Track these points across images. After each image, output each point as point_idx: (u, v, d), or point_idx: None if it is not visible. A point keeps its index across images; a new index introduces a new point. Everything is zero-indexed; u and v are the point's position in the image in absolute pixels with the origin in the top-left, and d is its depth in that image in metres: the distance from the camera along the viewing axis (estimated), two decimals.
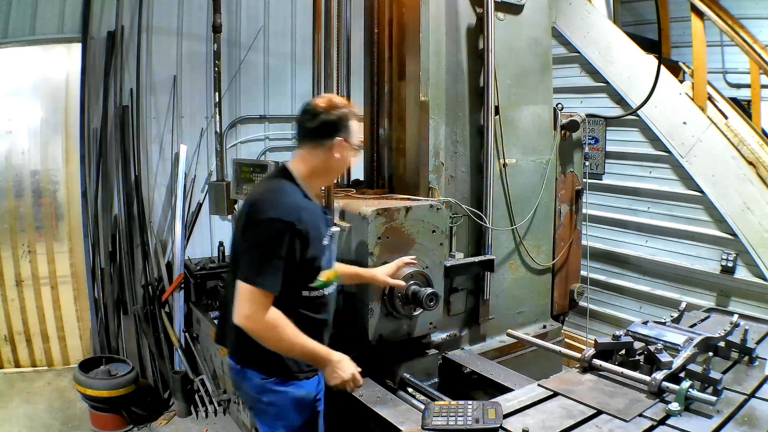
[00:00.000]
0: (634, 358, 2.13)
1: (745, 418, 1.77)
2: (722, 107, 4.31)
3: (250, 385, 2.00)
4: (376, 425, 2.33)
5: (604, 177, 4.91)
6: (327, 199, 2.59)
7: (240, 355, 2.02)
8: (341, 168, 2.18)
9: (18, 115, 4.48)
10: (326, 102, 2.05)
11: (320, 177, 2.12)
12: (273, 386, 1.97)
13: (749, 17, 4.85)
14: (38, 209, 4.60)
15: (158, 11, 4.76)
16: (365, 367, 2.60)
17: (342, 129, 2.03)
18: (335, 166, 2.09)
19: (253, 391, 2.00)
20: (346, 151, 2.06)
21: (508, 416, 1.82)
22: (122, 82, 4.60)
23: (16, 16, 4.28)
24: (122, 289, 4.54)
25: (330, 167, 2.08)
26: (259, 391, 1.99)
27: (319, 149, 2.03)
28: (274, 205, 1.91)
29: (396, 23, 3.14)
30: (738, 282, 4.03)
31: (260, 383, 1.97)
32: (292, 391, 1.99)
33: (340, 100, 2.11)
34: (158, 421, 3.98)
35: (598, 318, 4.84)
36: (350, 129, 2.06)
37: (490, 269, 3.11)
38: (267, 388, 1.97)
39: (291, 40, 5.45)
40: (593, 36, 4.81)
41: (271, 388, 1.97)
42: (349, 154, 2.09)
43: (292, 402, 1.99)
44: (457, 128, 3.11)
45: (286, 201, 1.93)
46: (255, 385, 1.98)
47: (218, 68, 4.35)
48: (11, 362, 4.58)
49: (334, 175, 2.27)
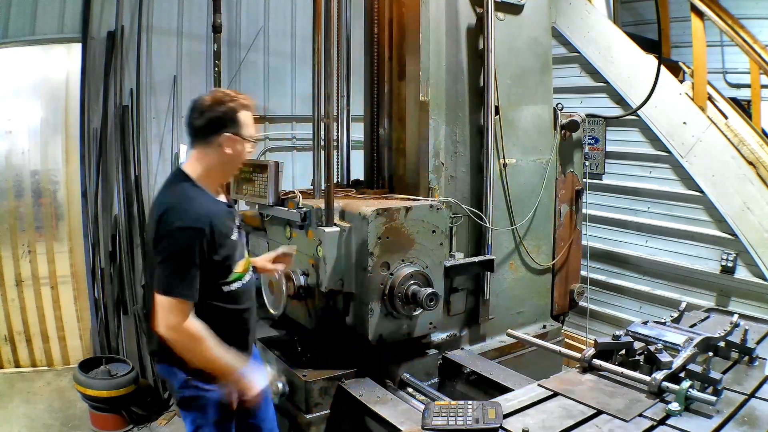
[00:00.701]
0: (634, 358, 2.13)
1: (745, 418, 1.77)
2: (722, 107, 4.31)
3: (175, 380, 2.09)
4: (376, 425, 2.33)
5: (604, 177, 4.91)
6: (326, 199, 2.59)
7: (167, 355, 2.05)
8: (236, 163, 2.12)
9: (18, 115, 4.48)
10: (211, 98, 2.04)
11: (217, 175, 2.10)
12: (194, 383, 2.05)
13: (749, 17, 4.86)
14: (38, 209, 4.60)
15: (158, 11, 4.75)
16: (365, 367, 2.63)
17: (229, 123, 2.02)
18: (229, 161, 2.07)
19: (178, 385, 2.09)
20: (238, 145, 2.04)
21: (508, 416, 1.82)
22: (122, 82, 4.60)
23: (16, 16, 4.28)
24: (122, 289, 4.54)
25: (224, 164, 2.07)
26: (182, 386, 2.08)
27: (210, 147, 2.03)
28: (181, 213, 1.92)
29: (396, 23, 3.14)
30: (738, 282, 4.03)
31: (184, 379, 2.06)
32: (211, 392, 2.06)
33: (225, 93, 2.07)
34: (158, 421, 3.98)
35: (598, 318, 4.84)
36: (239, 122, 2.03)
37: (490, 269, 3.11)
38: (189, 385, 2.06)
39: (291, 40, 5.45)
40: (593, 36, 4.81)
41: (193, 385, 2.05)
42: (241, 148, 2.06)
43: (210, 402, 2.07)
44: (457, 128, 3.11)
45: (192, 208, 1.94)
46: (179, 381, 2.07)
47: (218, 68, 4.35)
48: (11, 362, 4.58)
49: (230, 170, 2.19)
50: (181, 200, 1.97)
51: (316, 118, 3.12)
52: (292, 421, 2.59)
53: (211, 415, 2.08)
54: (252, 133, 2.10)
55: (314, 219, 2.66)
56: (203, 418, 2.09)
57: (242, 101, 2.07)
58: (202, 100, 2.04)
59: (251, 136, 2.09)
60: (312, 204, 2.73)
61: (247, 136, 2.07)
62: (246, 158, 2.13)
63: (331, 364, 2.61)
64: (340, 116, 3.37)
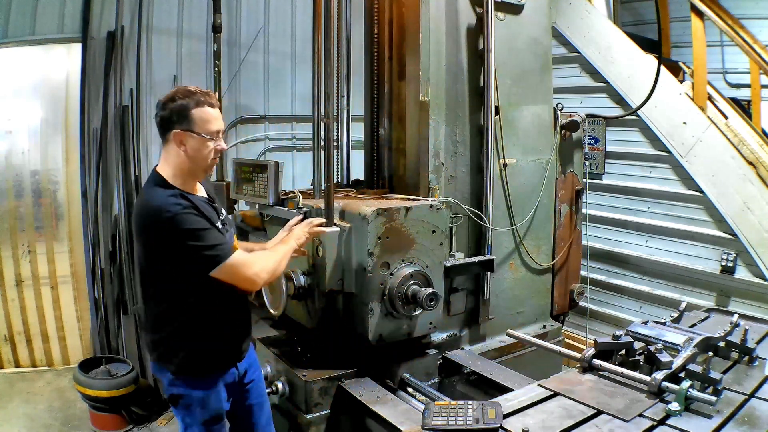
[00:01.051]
0: (634, 358, 2.13)
1: (745, 418, 1.77)
2: (722, 107, 4.31)
3: (165, 379, 2.14)
4: (376, 425, 2.33)
5: (604, 177, 4.91)
6: (326, 199, 2.59)
7: (156, 356, 2.17)
8: (198, 160, 2.03)
9: (18, 115, 4.48)
10: (167, 95, 2.03)
11: (184, 174, 2.05)
12: (180, 383, 2.10)
13: (749, 17, 4.86)
14: (38, 209, 4.60)
15: (158, 11, 4.76)
16: (365, 367, 2.63)
17: (179, 120, 1.98)
18: (190, 159, 2.02)
19: (167, 383, 2.14)
20: (192, 142, 1.99)
21: (508, 416, 1.82)
22: (122, 82, 4.60)
23: (16, 16, 4.28)
24: (122, 289, 4.54)
25: (185, 161, 2.02)
26: (170, 384, 2.12)
27: (169, 144, 2.04)
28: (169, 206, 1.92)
29: (396, 23, 3.14)
30: (738, 282, 4.03)
31: (171, 378, 2.11)
32: (196, 392, 2.10)
33: (180, 89, 2.04)
34: (158, 421, 3.98)
35: (598, 318, 4.83)
36: (191, 118, 1.98)
37: (490, 269, 3.11)
38: (176, 384, 2.10)
39: (291, 40, 5.45)
40: (593, 36, 4.81)
41: (180, 383, 2.10)
42: (197, 145, 2.00)
43: (195, 401, 2.10)
44: (457, 128, 3.11)
45: (166, 198, 1.95)
46: (167, 379, 2.12)
47: (218, 68, 4.34)
48: (11, 362, 4.58)
49: (195, 168, 2.06)
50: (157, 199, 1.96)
51: (316, 118, 3.13)
52: (292, 421, 2.59)
53: (198, 414, 2.10)
54: (209, 129, 2.01)
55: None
56: (191, 417, 2.12)
57: (199, 97, 2.01)
58: (161, 98, 2.05)
59: (208, 132, 2.00)
60: (312, 204, 2.73)
61: (203, 132, 1.99)
62: (209, 155, 2.04)
63: (331, 364, 2.61)
64: (340, 116, 3.37)
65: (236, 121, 5.20)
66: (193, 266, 1.97)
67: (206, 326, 2.09)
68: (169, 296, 2.08)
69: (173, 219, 1.91)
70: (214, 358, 2.15)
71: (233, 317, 2.20)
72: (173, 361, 2.09)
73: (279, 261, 2.16)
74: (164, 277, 2.05)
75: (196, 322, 2.08)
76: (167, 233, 1.93)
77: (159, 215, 1.92)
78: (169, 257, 1.97)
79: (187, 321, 2.07)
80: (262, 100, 5.36)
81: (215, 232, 1.99)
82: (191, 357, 2.09)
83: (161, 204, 1.94)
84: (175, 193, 1.99)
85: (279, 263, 2.16)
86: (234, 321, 2.21)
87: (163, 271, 2.03)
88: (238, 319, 2.23)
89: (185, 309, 2.06)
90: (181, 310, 2.07)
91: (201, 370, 2.11)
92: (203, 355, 2.11)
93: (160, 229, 1.94)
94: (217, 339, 2.13)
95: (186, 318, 2.07)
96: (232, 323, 2.20)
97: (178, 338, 2.09)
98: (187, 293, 2.04)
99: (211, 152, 2.05)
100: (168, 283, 2.05)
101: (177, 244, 1.93)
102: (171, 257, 1.97)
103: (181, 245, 1.93)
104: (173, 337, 2.09)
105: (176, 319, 2.08)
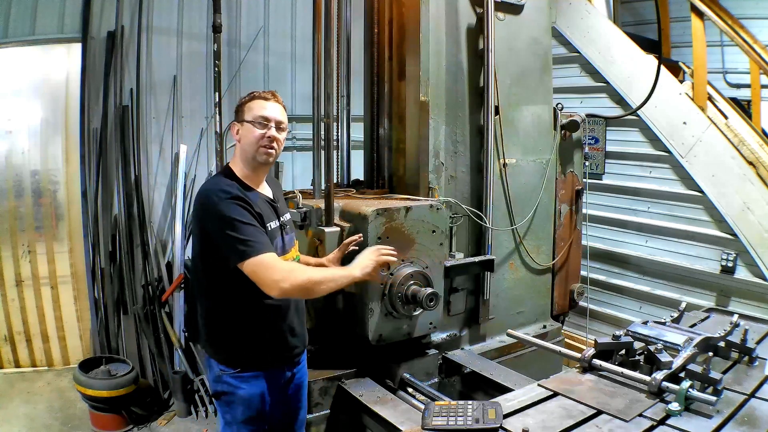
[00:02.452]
0: (634, 358, 2.13)
1: (745, 418, 1.77)
2: (722, 107, 4.31)
3: (211, 372, 2.17)
4: (376, 425, 2.33)
5: (604, 177, 4.91)
6: (326, 200, 2.59)
7: (206, 347, 2.20)
8: (246, 147, 2.11)
9: (18, 115, 4.48)
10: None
11: (247, 166, 2.13)
12: (226, 378, 2.10)
13: (749, 17, 4.86)
14: (38, 209, 4.60)
15: (158, 11, 4.75)
16: (365, 367, 2.63)
17: (236, 115, 2.15)
18: (243, 148, 2.12)
19: (212, 378, 2.17)
20: (242, 130, 2.12)
21: (508, 416, 1.82)
22: (122, 82, 4.60)
23: (16, 16, 4.28)
24: (122, 289, 4.54)
25: (241, 152, 2.13)
26: (215, 379, 2.14)
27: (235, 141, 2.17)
28: (218, 192, 1.99)
29: (396, 23, 3.14)
30: (738, 282, 4.03)
31: (218, 373, 2.12)
32: (241, 390, 2.10)
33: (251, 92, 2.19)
34: (158, 421, 3.98)
35: (598, 318, 4.84)
36: (242, 110, 2.13)
37: (490, 269, 3.11)
38: (222, 379, 2.11)
39: (291, 40, 5.45)
40: (593, 36, 4.81)
41: (225, 379, 2.10)
42: (245, 131, 2.10)
43: (239, 399, 2.10)
44: (457, 128, 3.11)
45: (224, 187, 2.02)
46: (214, 374, 2.14)
47: (218, 68, 4.34)
48: (11, 362, 4.58)
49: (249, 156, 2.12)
50: (216, 185, 2.05)
51: (316, 118, 3.13)
52: None
53: (240, 413, 2.10)
54: (255, 115, 2.09)
55: (314, 219, 2.66)
56: (232, 415, 2.12)
57: (254, 93, 2.16)
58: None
59: (254, 117, 2.09)
60: (312, 204, 2.73)
61: (249, 117, 2.09)
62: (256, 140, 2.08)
63: (331, 364, 2.61)
64: (340, 116, 3.37)
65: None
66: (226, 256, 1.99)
67: (259, 326, 2.10)
68: (220, 292, 2.07)
69: (217, 205, 1.96)
70: (265, 358, 2.14)
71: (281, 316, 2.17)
72: (224, 357, 2.10)
73: (320, 282, 2.02)
74: (217, 272, 2.05)
75: (251, 320, 2.08)
76: (210, 219, 1.98)
77: (207, 200, 1.99)
78: (213, 246, 2.00)
79: (243, 319, 2.08)
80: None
81: (255, 229, 1.98)
82: (243, 354, 2.09)
83: (212, 190, 2.01)
84: (231, 183, 2.06)
85: (319, 284, 2.02)
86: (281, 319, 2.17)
87: (212, 264, 2.04)
88: (292, 323, 2.20)
89: (239, 305, 2.07)
90: (235, 306, 2.07)
91: (250, 368, 2.10)
92: (254, 353, 2.11)
93: (206, 215, 2.00)
94: (266, 338, 2.13)
95: (241, 315, 2.08)
96: (281, 322, 2.17)
97: (231, 334, 2.09)
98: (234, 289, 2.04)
99: (259, 138, 2.09)
100: (220, 278, 2.05)
101: (216, 230, 1.96)
102: (214, 246, 1.99)
103: (220, 233, 1.95)
104: (227, 333, 2.10)
105: (231, 316, 2.09)
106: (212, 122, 4.63)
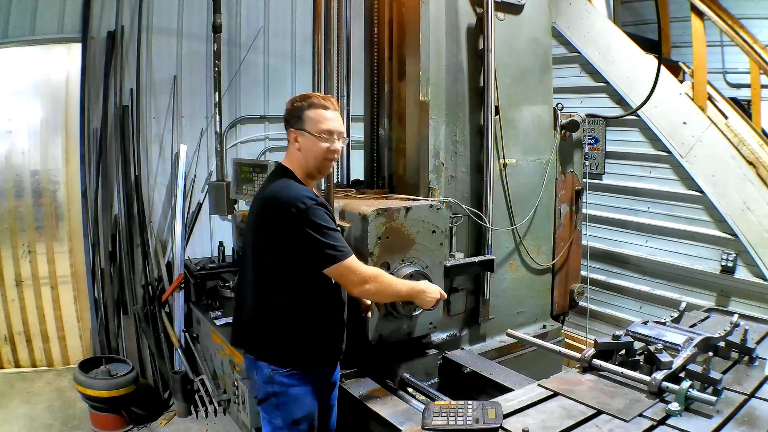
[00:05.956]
0: (634, 358, 2.13)
1: (745, 418, 1.77)
2: (722, 107, 4.31)
3: (259, 374, 2.14)
4: (376, 425, 2.33)
5: (604, 177, 4.91)
6: (327, 198, 2.59)
7: (255, 349, 2.17)
8: (310, 158, 2.12)
9: (18, 115, 4.48)
10: (291, 98, 2.20)
11: (303, 172, 2.15)
12: (278, 378, 2.09)
13: (749, 17, 4.85)
14: (38, 209, 4.60)
15: (158, 11, 4.76)
16: (365, 367, 2.63)
17: (293, 120, 2.14)
18: (303, 156, 2.13)
19: (261, 380, 2.14)
20: (304, 140, 2.11)
21: (508, 416, 1.82)
22: (122, 82, 4.60)
23: (16, 16, 4.28)
24: (122, 289, 4.53)
25: (301, 159, 2.14)
26: (266, 381, 2.12)
27: (289, 144, 2.19)
28: (304, 198, 2.00)
29: (396, 23, 3.14)
30: (738, 282, 4.03)
31: (269, 374, 2.10)
32: (294, 388, 2.11)
33: (302, 95, 2.19)
34: (158, 421, 3.98)
35: (598, 318, 4.83)
36: (304, 118, 2.11)
37: (490, 269, 3.11)
38: (274, 380, 2.10)
39: (291, 40, 5.45)
40: (593, 36, 4.81)
41: (277, 379, 2.10)
42: (308, 143, 2.11)
43: (292, 396, 2.11)
44: (457, 128, 3.11)
45: (308, 193, 2.05)
46: (263, 375, 2.12)
47: (218, 68, 4.35)
48: (11, 362, 4.58)
49: (308, 165, 2.15)
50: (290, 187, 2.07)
51: None
52: None
53: (291, 412, 2.11)
54: (320, 128, 2.10)
55: None
56: (283, 417, 2.12)
57: (313, 100, 2.15)
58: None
59: (319, 131, 2.10)
60: None
61: (313, 131, 2.10)
62: (321, 154, 2.12)
63: None
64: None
65: (236, 121, 5.20)
66: (309, 261, 2.01)
67: (320, 326, 2.15)
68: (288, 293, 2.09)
69: (307, 211, 1.97)
70: (321, 356, 2.18)
71: (339, 319, 2.23)
72: (278, 356, 2.10)
73: (390, 287, 2.20)
74: (283, 273, 2.06)
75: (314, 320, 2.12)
76: (296, 224, 1.98)
77: (292, 205, 1.98)
78: (290, 250, 2.01)
79: (306, 318, 2.11)
80: (262, 100, 5.36)
81: (339, 234, 2.07)
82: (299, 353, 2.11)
83: (296, 195, 2.01)
84: (308, 189, 2.10)
85: (389, 289, 2.19)
86: (339, 322, 2.24)
87: (282, 266, 2.06)
88: (341, 321, 2.26)
89: (305, 306, 2.10)
90: (300, 306, 2.10)
91: (303, 367, 2.12)
92: (311, 352, 2.13)
93: (290, 221, 1.98)
94: (325, 338, 2.18)
95: (305, 316, 2.11)
96: (338, 324, 2.23)
97: (292, 334, 2.10)
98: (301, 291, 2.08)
99: (324, 152, 2.12)
100: (287, 280, 2.07)
101: (302, 236, 1.97)
102: (293, 250, 2.01)
103: (306, 238, 1.97)
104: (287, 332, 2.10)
105: (295, 316, 2.10)
106: (212, 122, 4.64)
